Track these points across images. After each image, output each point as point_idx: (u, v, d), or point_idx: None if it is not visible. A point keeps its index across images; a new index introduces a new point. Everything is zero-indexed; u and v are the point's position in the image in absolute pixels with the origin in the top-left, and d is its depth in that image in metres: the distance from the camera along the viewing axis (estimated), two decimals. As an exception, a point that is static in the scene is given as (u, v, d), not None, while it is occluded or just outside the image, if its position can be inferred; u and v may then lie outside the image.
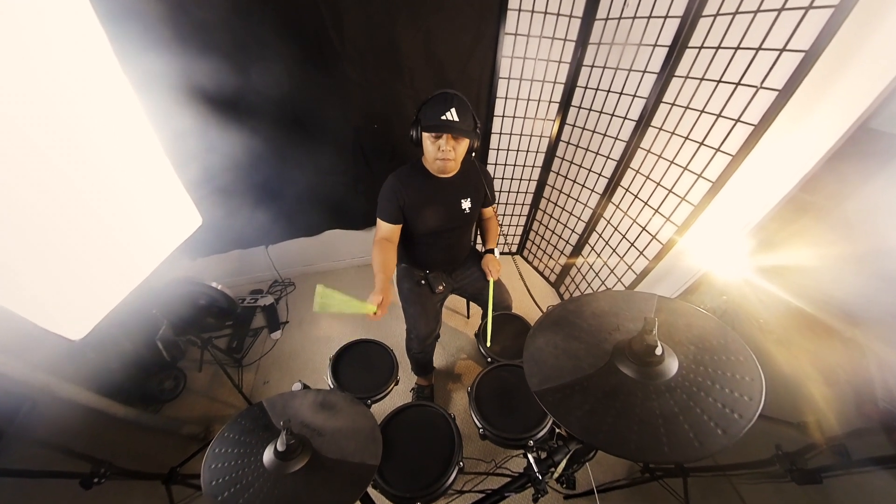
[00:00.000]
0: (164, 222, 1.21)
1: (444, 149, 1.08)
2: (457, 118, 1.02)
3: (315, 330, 2.09)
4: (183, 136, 1.26)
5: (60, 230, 0.82)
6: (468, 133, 1.06)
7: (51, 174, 0.79)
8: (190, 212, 1.34)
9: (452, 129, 1.03)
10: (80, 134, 0.87)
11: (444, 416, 0.94)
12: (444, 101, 1.03)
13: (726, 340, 0.64)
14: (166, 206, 1.22)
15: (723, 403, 0.55)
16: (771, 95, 1.05)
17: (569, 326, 0.73)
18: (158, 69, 1.16)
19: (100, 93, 0.92)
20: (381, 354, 1.15)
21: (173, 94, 1.22)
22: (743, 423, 0.52)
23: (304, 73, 1.57)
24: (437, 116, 1.02)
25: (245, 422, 0.77)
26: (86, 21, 0.88)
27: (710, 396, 0.56)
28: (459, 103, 1.03)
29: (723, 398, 0.56)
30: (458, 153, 1.11)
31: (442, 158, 1.10)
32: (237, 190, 1.66)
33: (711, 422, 0.54)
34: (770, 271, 1.10)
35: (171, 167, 1.22)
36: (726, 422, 0.53)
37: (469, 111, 1.05)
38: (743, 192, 1.22)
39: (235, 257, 2.10)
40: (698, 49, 1.23)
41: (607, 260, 1.92)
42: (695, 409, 0.55)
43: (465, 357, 1.94)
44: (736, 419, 0.53)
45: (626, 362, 0.62)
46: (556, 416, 0.59)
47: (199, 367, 1.76)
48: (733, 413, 0.54)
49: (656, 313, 0.71)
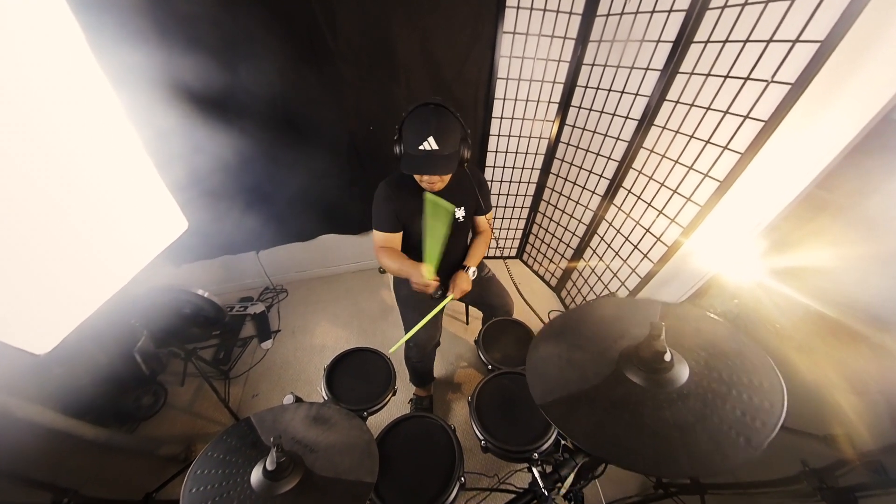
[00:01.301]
0: (145, 227, 1.14)
1: (429, 180, 1.01)
2: (436, 146, 0.91)
3: (309, 339, 2.01)
4: (167, 136, 1.19)
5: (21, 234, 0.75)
6: (451, 161, 0.96)
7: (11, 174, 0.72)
8: (174, 215, 1.27)
9: (432, 166, 0.94)
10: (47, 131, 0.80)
11: (444, 427, 0.89)
12: (423, 123, 0.91)
13: (740, 345, 0.61)
14: (148, 209, 1.15)
15: (742, 411, 0.52)
16: (783, 89, 1.00)
17: (572, 336, 0.71)
18: (139, 63, 1.09)
19: (71, 87, 0.86)
20: (379, 363, 1.11)
21: (156, 91, 1.15)
22: (766, 431, 0.49)
23: (296, 71, 1.51)
24: (416, 146, 0.92)
25: (231, 439, 0.72)
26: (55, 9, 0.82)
27: (728, 403, 0.53)
28: (440, 122, 0.92)
29: (741, 405, 0.53)
30: (446, 178, 1.05)
31: (427, 187, 1.04)
32: (226, 193, 1.60)
33: (732, 431, 0.50)
34: (785, 273, 1.05)
35: (153, 168, 1.16)
36: (748, 431, 0.50)
37: (451, 126, 0.94)
38: (753, 191, 1.17)
39: (224, 263, 2.03)
40: (704, 43, 1.19)
41: (610, 263, 1.87)
42: (712, 418, 0.52)
43: (465, 365, 1.88)
44: (758, 427, 0.50)
45: (634, 370, 0.59)
46: (562, 430, 0.56)
47: (181, 380, 1.65)
48: (755, 421, 0.50)
49: (663, 318, 0.68)
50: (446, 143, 0.93)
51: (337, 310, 2.20)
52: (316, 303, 2.27)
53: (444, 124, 0.93)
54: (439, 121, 0.93)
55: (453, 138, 0.96)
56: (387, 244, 1.17)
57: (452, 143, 0.96)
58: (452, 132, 0.95)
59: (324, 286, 2.40)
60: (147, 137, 1.10)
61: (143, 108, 1.07)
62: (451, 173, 1.00)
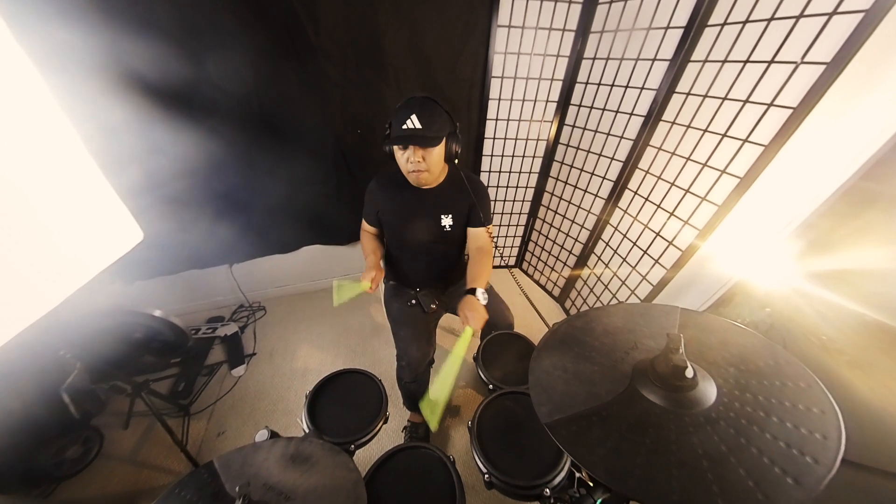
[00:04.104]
0: (83, 238, 0.96)
1: (413, 160, 1.00)
2: (419, 125, 0.93)
3: (289, 362, 1.81)
4: (115, 133, 1.03)
5: None
6: (435, 140, 0.97)
7: None
8: (125, 225, 1.09)
9: (414, 138, 0.95)
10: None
11: (442, 459, 0.81)
12: (407, 107, 0.95)
13: (777, 361, 0.55)
14: (88, 217, 0.97)
15: (786, 442, 0.45)
16: (815, 71, 0.90)
17: (578, 346, 0.66)
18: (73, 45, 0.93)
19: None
20: (368, 387, 1.02)
21: (99, 80, 0.99)
22: (821, 470, 0.41)
23: (272, 67, 1.38)
24: (400, 126, 0.95)
25: (186, 492, 0.62)
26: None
27: (767, 432, 0.46)
28: (423, 107, 0.95)
29: (785, 435, 0.46)
30: (431, 162, 1.01)
31: (414, 171, 1.02)
32: (193, 200, 1.42)
33: (776, 467, 0.43)
34: (828, 277, 0.92)
35: (97, 170, 0.99)
36: (797, 468, 0.42)
37: (438, 114, 0.97)
38: (781, 186, 1.06)
39: (190, 280, 1.82)
40: (720, 26, 1.10)
41: (617, 270, 1.75)
42: (749, 449, 0.45)
43: (463, 385, 1.72)
44: (809, 464, 0.42)
45: (651, 386, 0.54)
46: (573, 455, 0.50)
47: (125, 422, 1.38)
48: (804, 456, 0.43)
49: (681, 329, 0.64)
50: (430, 126, 0.95)
51: (322, 328, 2.01)
52: (298, 321, 2.07)
53: (428, 109, 0.95)
54: (423, 105, 0.95)
55: (438, 123, 0.97)
56: (371, 232, 1.23)
57: (436, 128, 0.97)
58: (437, 117, 0.97)
59: (307, 302, 2.21)
60: (89, 134, 0.94)
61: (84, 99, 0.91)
62: (432, 147, 0.98)
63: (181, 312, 1.95)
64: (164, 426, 1.15)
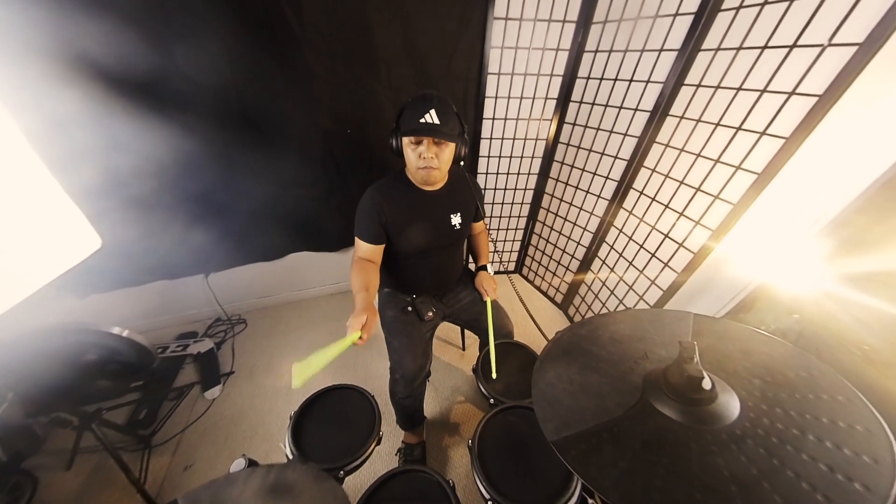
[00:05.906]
0: (24, 247, 0.83)
1: (426, 156, 0.97)
2: (437, 120, 0.92)
3: (272, 380, 1.66)
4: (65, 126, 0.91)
5: None
6: (452, 137, 0.97)
7: None
8: (79, 231, 0.97)
9: (433, 132, 0.93)
10: None
11: (441, 484, 0.76)
12: (424, 101, 0.93)
13: (810, 372, 0.51)
14: (30, 222, 0.84)
15: (828, 465, 0.40)
16: (846, 53, 0.82)
17: (584, 355, 0.62)
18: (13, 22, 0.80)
19: None
20: (360, 403, 0.96)
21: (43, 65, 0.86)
22: (874, 500, 0.36)
23: (252, 59, 1.27)
24: (416, 119, 0.93)
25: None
26: None
27: (804, 453, 0.42)
28: (441, 104, 0.94)
29: (826, 457, 0.41)
30: (443, 160, 0.99)
31: (425, 167, 0.99)
32: (162, 203, 1.29)
33: (818, 493, 0.37)
34: (868, 280, 0.84)
35: (42, 167, 0.87)
36: (845, 497, 0.36)
37: (453, 113, 0.96)
38: (806, 181, 0.98)
39: (160, 291, 1.66)
40: (736, 10, 1.02)
41: (623, 274, 1.65)
42: (784, 473, 0.40)
43: (462, 399, 1.60)
44: (860, 492, 0.37)
45: (665, 399, 0.50)
46: (584, 478, 0.45)
47: (68, 461, 1.18)
48: (852, 482, 0.38)
49: (694, 336, 0.60)
50: (447, 123, 0.94)
51: (310, 340, 1.87)
52: (283, 334, 1.92)
53: (444, 106, 0.94)
54: (440, 102, 0.94)
55: (452, 123, 0.96)
56: (365, 256, 1.08)
57: (452, 126, 0.96)
58: (452, 117, 0.96)
59: (294, 313, 2.07)
60: (32, 126, 0.82)
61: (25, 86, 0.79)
62: (450, 143, 0.98)
63: (147, 329, 1.79)
64: (119, 462, 0.98)
